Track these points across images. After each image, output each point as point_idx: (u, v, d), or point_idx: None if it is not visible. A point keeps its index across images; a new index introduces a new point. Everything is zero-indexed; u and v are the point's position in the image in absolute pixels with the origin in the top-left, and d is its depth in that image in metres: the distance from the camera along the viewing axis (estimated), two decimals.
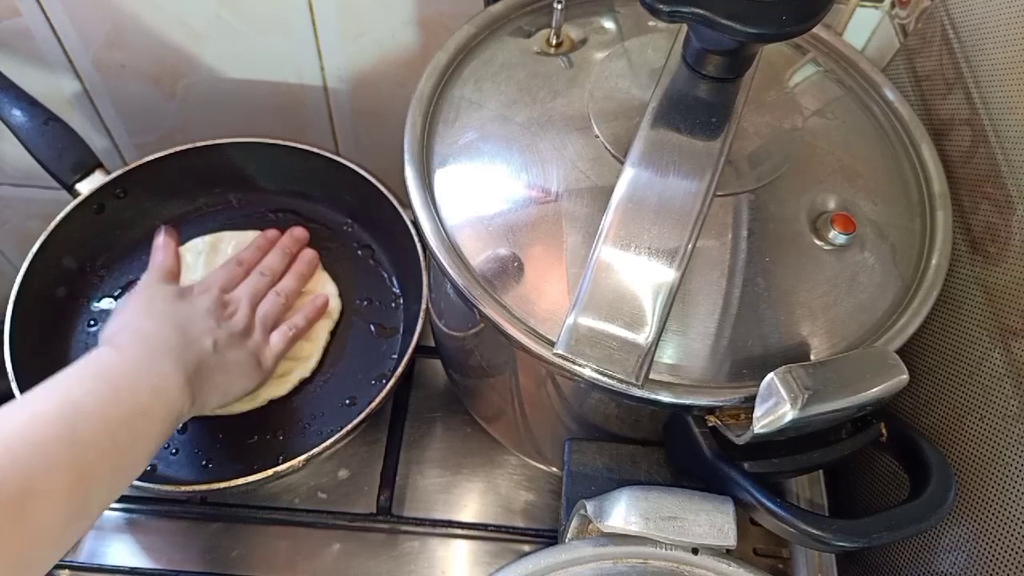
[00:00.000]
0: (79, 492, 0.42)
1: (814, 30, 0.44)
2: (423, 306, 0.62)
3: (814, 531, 0.40)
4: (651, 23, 0.52)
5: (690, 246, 0.42)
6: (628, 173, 0.44)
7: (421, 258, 0.64)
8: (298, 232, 0.69)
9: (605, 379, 0.41)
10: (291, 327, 0.63)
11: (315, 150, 0.70)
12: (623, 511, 0.43)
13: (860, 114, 0.53)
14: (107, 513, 0.62)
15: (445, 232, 0.47)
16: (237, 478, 0.55)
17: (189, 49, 0.73)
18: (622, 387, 0.41)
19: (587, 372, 0.42)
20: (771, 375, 0.39)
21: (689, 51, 0.45)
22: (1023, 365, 0.47)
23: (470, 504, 0.65)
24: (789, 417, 0.38)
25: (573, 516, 0.47)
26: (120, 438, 0.45)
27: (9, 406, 0.43)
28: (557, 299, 0.44)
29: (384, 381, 0.62)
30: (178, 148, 0.69)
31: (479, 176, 0.48)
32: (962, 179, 0.52)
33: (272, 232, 0.69)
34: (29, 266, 0.62)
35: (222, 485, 0.55)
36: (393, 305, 0.69)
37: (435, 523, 0.63)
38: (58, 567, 0.60)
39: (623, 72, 0.49)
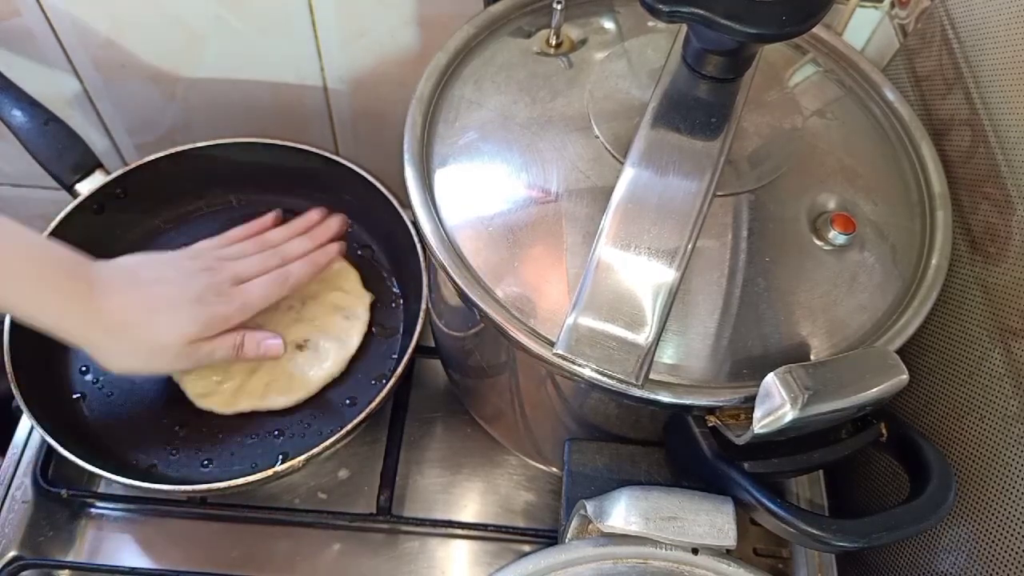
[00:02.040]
0: None
1: (814, 30, 0.44)
2: (423, 306, 0.62)
3: (814, 531, 0.40)
4: (651, 23, 0.52)
5: (690, 246, 0.42)
6: (628, 173, 0.44)
7: (421, 258, 0.64)
8: (334, 223, 0.66)
9: (605, 379, 0.41)
10: (282, 275, 0.60)
11: (315, 150, 0.70)
12: (623, 511, 0.43)
13: (860, 114, 0.53)
14: (107, 513, 0.62)
15: (445, 232, 0.47)
16: (237, 478, 0.55)
17: (189, 49, 0.73)
18: (622, 387, 0.41)
19: (587, 372, 0.42)
20: (771, 375, 0.39)
21: (689, 51, 0.45)
22: (1023, 365, 0.47)
23: (470, 504, 0.65)
24: (789, 417, 0.38)
25: (573, 516, 0.47)
26: None
27: None
28: (557, 299, 0.44)
29: (384, 381, 0.62)
30: (178, 148, 0.69)
31: (479, 176, 0.48)
32: (962, 179, 0.52)
33: (314, 214, 0.67)
34: None
35: (222, 485, 0.55)
36: (393, 305, 0.69)
37: (435, 523, 0.63)
38: (58, 567, 0.60)
39: (623, 72, 0.49)
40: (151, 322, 0.53)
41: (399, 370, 0.60)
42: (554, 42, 0.51)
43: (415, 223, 0.49)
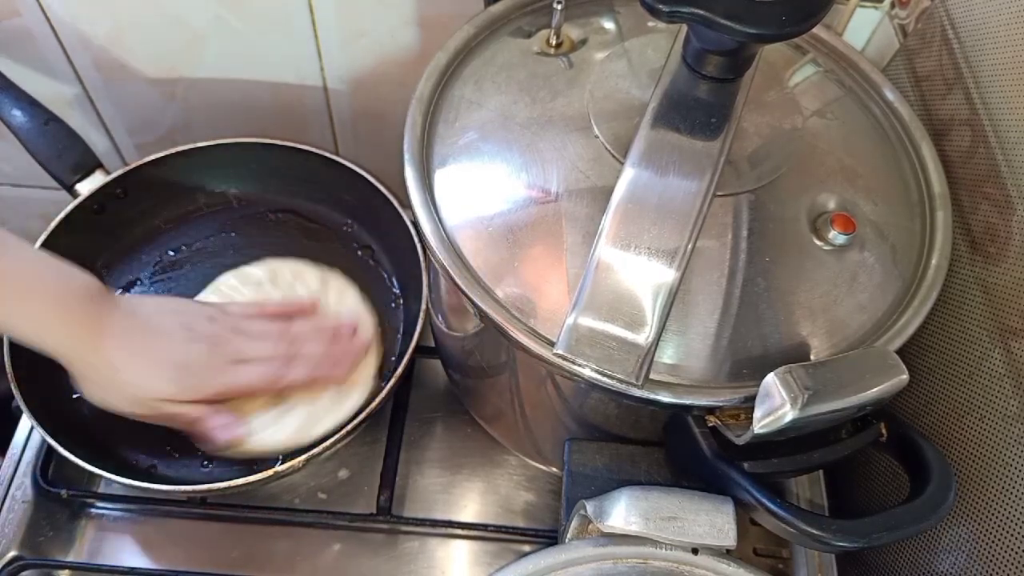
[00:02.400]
0: None
1: (814, 30, 0.44)
2: (423, 306, 0.62)
3: (814, 531, 0.40)
4: (651, 23, 0.52)
5: (690, 246, 0.42)
6: (628, 173, 0.44)
7: (421, 258, 0.64)
8: (358, 345, 0.63)
9: (605, 379, 0.41)
10: (277, 373, 0.57)
11: (315, 150, 0.70)
12: (623, 511, 0.43)
13: (860, 114, 0.53)
14: (107, 513, 0.62)
15: (445, 232, 0.47)
16: (237, 478, 0.55)
17: (189, 49, 0.73)
18: (622, 387, 0.41)
19: (587, 372, 0.42)
20: (771, 375, 0.39)
21: (689, 51, 0.45)
22: (1023, 365, 0.47)
23: (470, 504, 0.65)
24: (789, 417, 0.38)
25: (573, 516, 0.47)
26: None
27: None
28: (557, 299, 0.44)
29: (384, 381, 0.62)
30: (178, 148, 0.69)
31: (479, 176, 0.48)
32: (962, 179, 0.52)
33: (347, 326, 0.63)
34: None
35: (222, 485, 0.55)
36: (393, 305, 0.69)
37: (435, 523, 0.63)
38: (58, 567, 0.60)
39: (623, 72, 0.49)
40: (133, 371, 0.54)
41: (399, 370, 0.60)
42: (554, 42, 0.51)
43: (415, 223, 0.49)
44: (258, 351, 0.58)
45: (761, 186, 0.45)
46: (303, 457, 0.56)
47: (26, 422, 0.64)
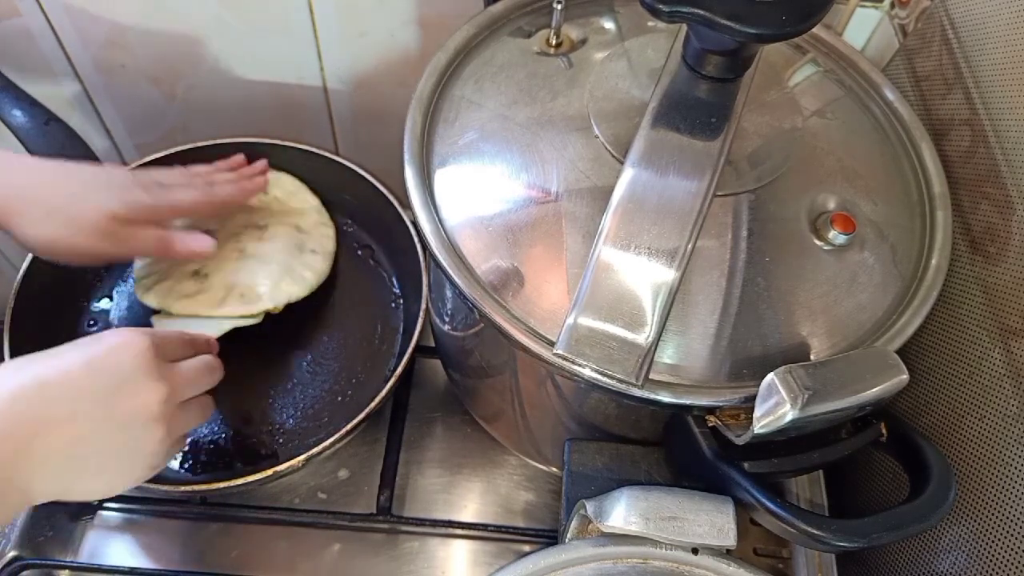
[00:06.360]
0: None
1: (814, 30, 0.44)
2: (423, 306, 0.62)
3: (814, 531, 0.40)
4: (651, 23, 0.52)
5: (690, 246, 0.42)
6: (628, 173, 0.44)
7: (421, 258, 0.64)
8: (259, 163, 0.68)
9: (605, 379, 0.41)
10: (208, 187, 0.62)
11: (315, 150, 0.70)
12: (623, 511, 0.43)
13: (860, 114, 0.53)
14: (107, 513, 0.62)
15: (445, 232, 0.47)
16: (237, 478, 0.55)
17: (189, 49, 0.73)
18: (622, 387, 0.41)
19: (587, 372, 0.42)
20: (771, 375, 0.39)
21: (689, 51, 0.45)
22: (1023, 365, 0.47)
23: (470, 504, 0.65)
24: (789, 417, 0.38)
25: (573, 516, 0.47)
26: None
27: None
28: (557, 299, 0.44)
29: (384, 381, 0.62)
30: (178, 148, 0.69)
31: (479, 176, 0.48)
32: (962, 179, 0.52)
33: (239, 156, 0.68)
34: (29, 266, 0.63)
35: (222, 485, 0.55)
36: (393, 305, 0.69)
37: (435, 523, 0.63)
38: (58, 567, 0.60)
39: (623, 72, 0.49)
40: (72, 193, 0.54)
41: (399, 370, 0.60)
42: (554, 42, 0.51)
43: (415, 223, 0.49)
44: (177, 178, 0.61)
45: (761, 186, 0.45)
46: (303, 457, 0.56)
47: None
